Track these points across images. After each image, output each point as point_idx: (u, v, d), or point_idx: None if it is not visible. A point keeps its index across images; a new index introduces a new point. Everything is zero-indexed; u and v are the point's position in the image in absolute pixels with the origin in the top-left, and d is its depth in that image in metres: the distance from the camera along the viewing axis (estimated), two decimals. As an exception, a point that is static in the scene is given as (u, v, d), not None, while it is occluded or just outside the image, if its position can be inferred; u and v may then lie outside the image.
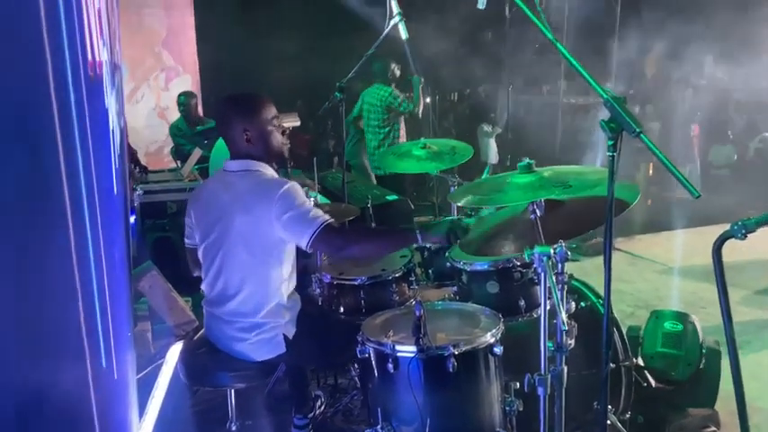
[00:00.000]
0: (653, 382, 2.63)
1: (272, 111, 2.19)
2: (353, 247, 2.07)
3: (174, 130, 5.76)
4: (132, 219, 3.50)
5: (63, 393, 0.89)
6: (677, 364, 2.57)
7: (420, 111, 5.32)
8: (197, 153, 4.82)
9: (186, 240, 2.32)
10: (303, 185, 2.75)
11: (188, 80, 7.30)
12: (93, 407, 0.95)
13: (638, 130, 1.40)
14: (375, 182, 5.50)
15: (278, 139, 2.20)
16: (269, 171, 2.18)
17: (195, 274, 2.34)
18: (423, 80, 5.31)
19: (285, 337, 2.16)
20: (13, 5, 0.74)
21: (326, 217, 2.04)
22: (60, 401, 0.88)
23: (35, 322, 0.83)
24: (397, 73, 5.40)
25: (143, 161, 5.82)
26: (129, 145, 4.42)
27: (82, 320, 0.95)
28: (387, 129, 5.37)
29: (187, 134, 5.63)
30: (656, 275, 4.83)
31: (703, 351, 2.60)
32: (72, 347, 0.93)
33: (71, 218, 0.92)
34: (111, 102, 1.67)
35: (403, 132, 5.46)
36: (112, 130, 1.70)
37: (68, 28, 0.92)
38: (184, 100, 5.68)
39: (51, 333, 0.88)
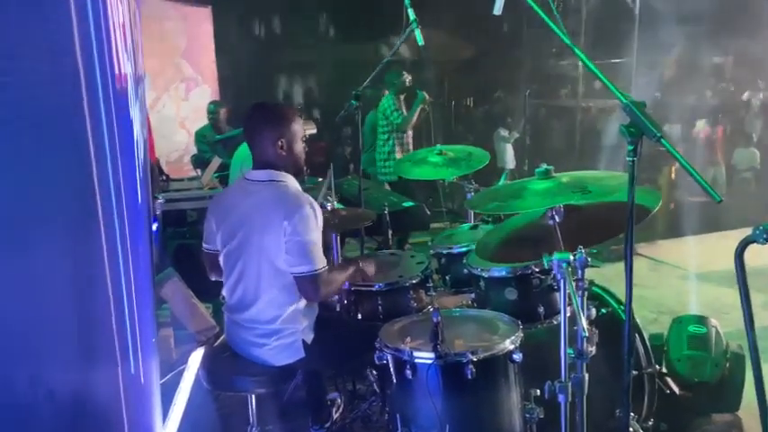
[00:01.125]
0: (677, 390, 2.60)
1: (301, 122, 2.24)
2: (321, 299, 2.24)
3: (200, 137, 5.88)
4: (154, 226, 3.56)
5: (97, 396, 0.92)
6: (705, 365, 2.53)
7: (409, 128, 5.35)
8: (216, 161, 4.89)
9: (204, 245, 2.34)
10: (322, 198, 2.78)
11: (207, 90, 7.40)
12: (123, 410, 0.98)
13: (658, 134, 1.39)
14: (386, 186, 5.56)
15: (302, 152, 2.25)
16: (293, 183, 2.21)
17: (213, 278, 2.38)
18: (427, 98, 5.36)
19: (304, 342, 2.18)
20: (49, 21, 0.77)
21: (322, 265, 2.11)
22: (95, 404, 0.91)
23: (74, 328, 0.86)
24: (407, 83, 5.46)
25: (164, 170, 5.92)
26: (153, 153, 4.50)
27: (114, 326, 0.98)
28: (386, 136, 5.46)
29: (210, 141, 5.72)
30: (678, 281, 4.77)
31: (728, 355, 2.57)
32: (105, 352, 0.96)
33: (103, 227, 0.95)
34: (135, 113, 1.71)
35: (399, 143, 5.49)
36: (136, 141, 1.74)
37: (98, 44, 0.95)
38: (214, 108, 5.81)
39: (87, 339, 0.90)
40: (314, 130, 6.02)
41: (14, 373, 0.71)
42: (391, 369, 1.95)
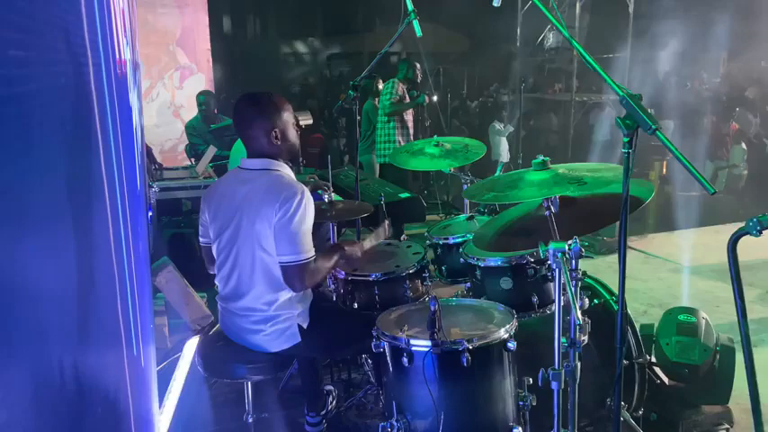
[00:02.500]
0: (666, 380, 2.63)
1: (290, 109, 2.23)
2: (304, 289, 2.17)
3: (190, 129, 5.83)
4: (149, 215, 3.55)
5: (106, 378, 0.93)
6: (694, 349, 2.55)
7: (393, 113, 5.50)
8: (211, 151, 4.87)
9: (200, 238, 2.34)
10: (317, 188, 2.79)
11: (201, 79, 7.35)
12: (128, 392, 0.99)
13: (653, 126, 1.41)
14: (378, 171, 5.73)
15: (296, 138, 2.25)
16: (288, 171, 2.21)
17: (212, 272, 2.36)
18: (428, 101, 5.59)
19: (300, 327, 2.20)
20: (61, 3, 0.78)
21: (310, 255, 2.09)
22: (104, 384, 0.92)
23: (85, 312, 0.87)
24: (419, 75, 5.59)
25: (158, 159, 5.90)
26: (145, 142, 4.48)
27: (119, 309, 0.99)
28: (385, 118, 5.57)
29: (202, 133, 5.69)
30: (669, 274, 4.81)
31: (718, 347, 2.60)
32: (112, 334, 0.97)
33: (110, 213, 0.96)
34: (133, 99, 1.71)
35: (399, 133, 5.58)
36: (135, 127, 1.74)
37: (102, 28, 0.95)
38: (204, 99, 5.77)
39: (97, 319, 0.91)
40: (310, 121, 6.02)
41: (36, 354, 0.72)
42: (388, 357, 1.97)
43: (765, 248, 4.08)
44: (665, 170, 6.87)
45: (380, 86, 5.96)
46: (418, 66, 5.61)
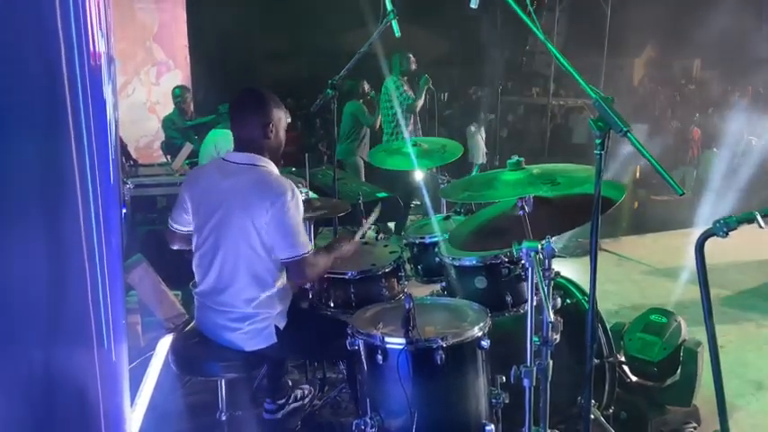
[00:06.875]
0: (632, 376, 2.68)
1: (285, 111, 2.28)
2: (309, 281, 2.37)
3: (169, 123, 5.78)
4: (123, 212, 3.50)
5: (75, 371, 0.91)
6: (653, 347, 2.61)
7: (418, 107, 5.34)
8: (188, 147, 4.83)
9: (172, 224, 2.31)
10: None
11: (178, 75, 7.28)
12: (98, 386, 0.98)
13: (624, 129, 1.44)
14: (363, 178, 5.60)
15: (284, 139, 2.29)
16: (274, 168, 2.22)
17: (175, 247, 2.37)
18: (430, 80, 5.39)
19: (276, 328, 2.19)
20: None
21: (310, 247, 2.16)
22: (73, 379, 0.90)
23: (55, 305, 0.86)
24: (413, 67, 5.42)
25: (133, 155, 5.82)
26: (120, 138, 4.42)
27: (90, 303, 0.97)
28: (390, 118, 5.38)
29: (180, 127, 5.64)
30: (641, 276, 4.91)
31: (681, 351, 2.64)
32: (82, 329, 0.96)
33: (81, 206, 0.94)
34: (108, 92, 1.69)
35: (410, 130, 5.38)
36: (109, 121, 1.72)
37: (75, 18, 0.94)
38: (180, 92, 5.74)
39: (66, 314, 0.90)
40: (288, 119, 5.93)
41: (4, 347, 0.71)
42: (362, 355, 1.97)
43: (733, 251, 4.20)
44: (638, 174, 7.01)
45: (366, 88, 5.91)
46: (411, 56, 5.46)
